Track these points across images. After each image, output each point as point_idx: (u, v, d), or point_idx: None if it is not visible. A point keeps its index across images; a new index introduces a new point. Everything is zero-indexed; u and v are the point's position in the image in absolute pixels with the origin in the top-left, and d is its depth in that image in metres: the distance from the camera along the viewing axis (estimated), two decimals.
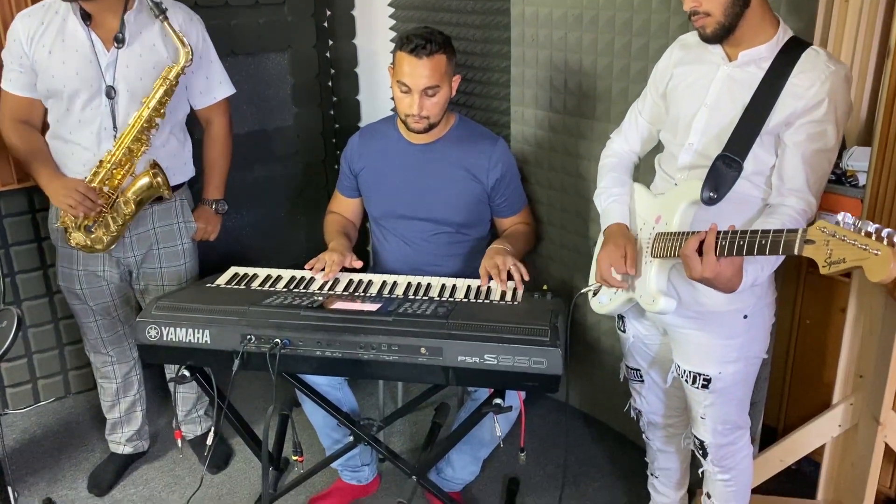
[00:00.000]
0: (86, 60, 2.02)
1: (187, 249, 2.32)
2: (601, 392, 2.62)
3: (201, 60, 2.19)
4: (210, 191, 2.36)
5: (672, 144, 1.74)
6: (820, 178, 1.56)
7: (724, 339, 1.70)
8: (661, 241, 1.65)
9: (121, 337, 2.39)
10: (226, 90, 2.30)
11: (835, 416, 2.06)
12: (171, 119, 2.15)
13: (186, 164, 2.28)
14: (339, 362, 1.75)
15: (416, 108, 2.09)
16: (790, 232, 1.33)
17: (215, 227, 2.38)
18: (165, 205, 2.23)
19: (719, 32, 1.55)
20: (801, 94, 1.52)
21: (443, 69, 2.08)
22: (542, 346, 1.67)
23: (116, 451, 2.54)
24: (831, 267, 1.26)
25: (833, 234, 1.26)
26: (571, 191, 2.44)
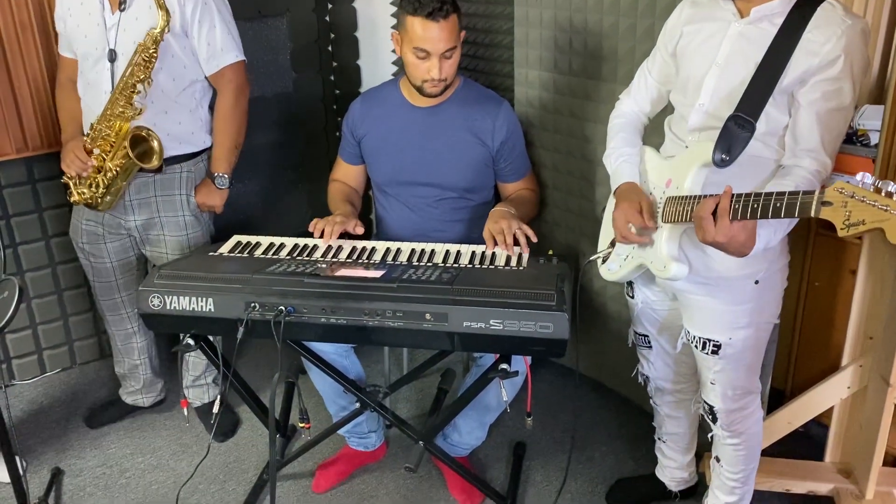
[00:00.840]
0: (94, 23, 2.07)
1: (189, 221, 2.29)
2: (608, 357, 2.61)
3: (201, 25, 2.12)
4: (213, 163, 2.30)
5: (682, 105, 1.70)
6: (835, 137, 1.51)
7: (735, 304, 1.68)
8: (672, 205, 1.61)
9: (117, 304, 2.42)
10: (229, 57, 2.20)
11: (844, 378, 2.05)
12: (176, 85, 2.12)
13: (195, 135, 2.23)
14: (344, 329, 1.74)
15: (437, 72, 2.05)
16: (806, 194, 1.29)
17: (215, 201, 2.31)
18: (168, 174, 2.21)
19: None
20: (815, 50, 1.47)
21: (457, 29, 2.06)
22: (549, 310, 1.65)
23: (120, 397, 2.64)
24: (850, 229, 1.22)
25: (851, 194, 1.22)
26: (577, 154, 2.41)
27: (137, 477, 2.39)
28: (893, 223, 1.17)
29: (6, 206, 2.63)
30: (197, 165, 2.27)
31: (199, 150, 2.26)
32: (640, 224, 1.67)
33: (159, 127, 2.09)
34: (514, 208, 2.13)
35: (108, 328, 2.51)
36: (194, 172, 2.26)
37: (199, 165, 2.28)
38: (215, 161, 2.28)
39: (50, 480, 2.34)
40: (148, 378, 2.58)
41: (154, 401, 2.65)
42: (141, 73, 2.01)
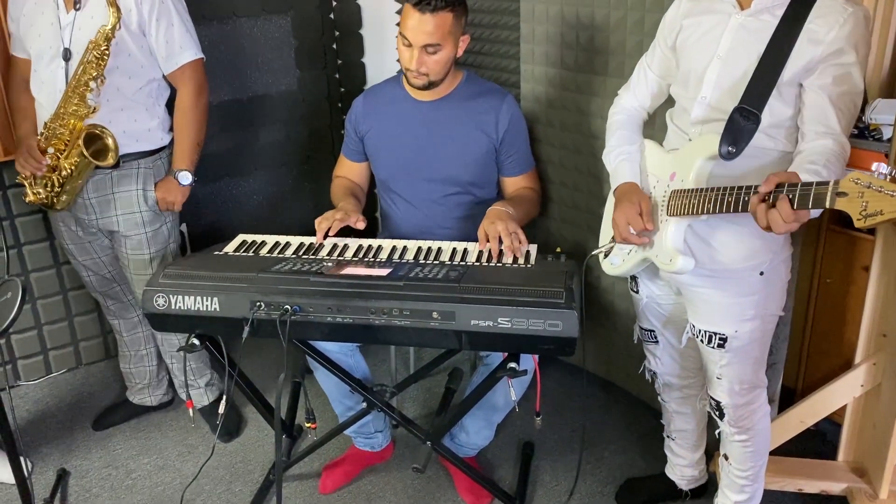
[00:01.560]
0: (48, 22, 2.06)
1: (147, 218, 2.24)
2: (616, 355, 2.59)
3: (158, 24, 2.09)
4: (174, 161, 2.25)
5: (684, 98, 1.68)
6: (849, 120, 1.49)
7: (740, 296, 1.66)
8: (678, 198, 1.59)
9: (118, 293, 2.43)
10: (188, 55, 2.16)
11: (857, 376, 2.02)
12: (133, 83, 2.11)
13: (152, 132, 2.20)
14: (350, 328, 1.72)
15: (415, 64, 2.04)
16: (821, 184, 1.27)
17: (176, 197, 2.26)
18: (126, 171, 2.18)
19: None
20: (819, 38, 1.45)
21: (447, 27, 2.01)
22: (557, 308, 1.63)
23: (127, 398, 2.64)
24: (867, 220, 1.20)
25: (868, 185, 1.20)
26: (584, 150, 2.38)
27: (143, 478, 2.38)
28: None
29: (10, 207, 2.62)
30: (155, 163, 2.24)
31: (157, 147, 2.23)
32: (640, 227, 1.66)
33: (115, 125, 2.07)
34: (512, 208, 2.10)
35: (112, 320, 2.51)
36: (153, 169, 2.23)
37: (158, 163, 2.25)
38: (176, 158, 2.25)
39: (56, 482, 2.33)
40: (153, 370, 2.58)
41: (161, 400, 2.64)
42: (93, 71, 1.98)
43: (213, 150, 2.85)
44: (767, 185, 1.33)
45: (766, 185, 1.34)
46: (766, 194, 1.34)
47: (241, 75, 2.86)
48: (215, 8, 2.70)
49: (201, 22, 2.68)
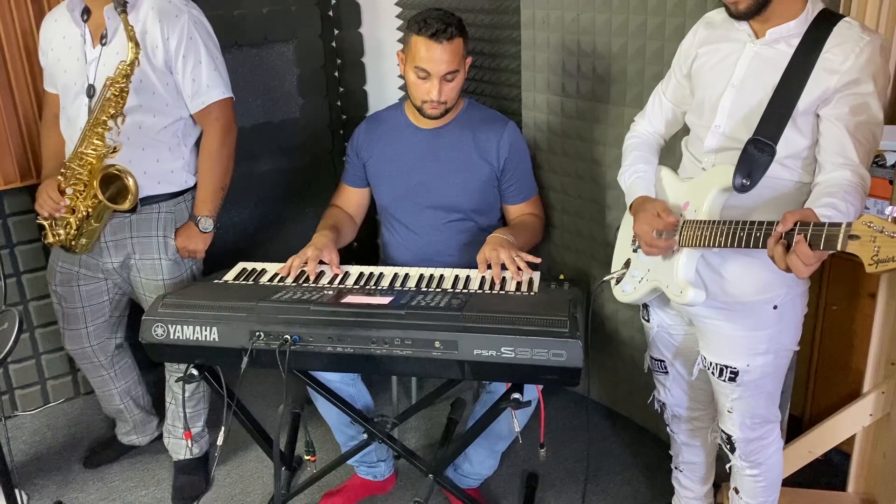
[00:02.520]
0: (74, 58, 2.01)
1: (166, 266, 2.15)
2: (621, 384, 2.56)
3: (185, 61, 2.01)
4: (196, 205, 2.15)
5: (698, 127, 1.67)
6: (868, 151, 1.47)
7: (753, 330, 1.63)
8: (691, 229, 1.57)
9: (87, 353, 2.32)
10: (215, 94, 2.07)
11: (865, 404, 1.99)
12: (157, 122, 2.03)
13: (175, 174, 2.11)
14: (351, 358, 1.69)
15: (436, 94, 2.04)
16: (833, 225, 1.24)
17: (197, 245, 2.16)
18: (145, 215, 2.09)
19: (753, 8, 1.48)
20: (835, 68, 1.44)
21: (461, 52, 2.04)
22: (562, 337, 1.61)
23: (117, 436, 2.57)
24: (878, 265, 1.17)
25: (881, 229, 1.17)
26: (587, 177, 2.37)
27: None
28: None
29: (10, 235, 2.60)
30: (177, 206, 2.14)
31: (180, 190, 2.14)
32: (662, 225, 1.61)
33: (135, 165, 1.98)
34: (513, 236, 2.08)
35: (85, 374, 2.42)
36: (174, 213, 2.13)
37: (181, 206, 2.15)
38: (199, 203, 2.15)
39: None
40: (138, 418, 2.50)
41: (151, 439, 2.57)
42: (111, 109, 1.89)
43: None
44: (785, 224, 1.29)
45: (784, 224, 1.30)
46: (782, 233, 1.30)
47: (242, 103, 2.87)
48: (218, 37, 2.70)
49: None
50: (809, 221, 1.28)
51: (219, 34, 2.72)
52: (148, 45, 1.96)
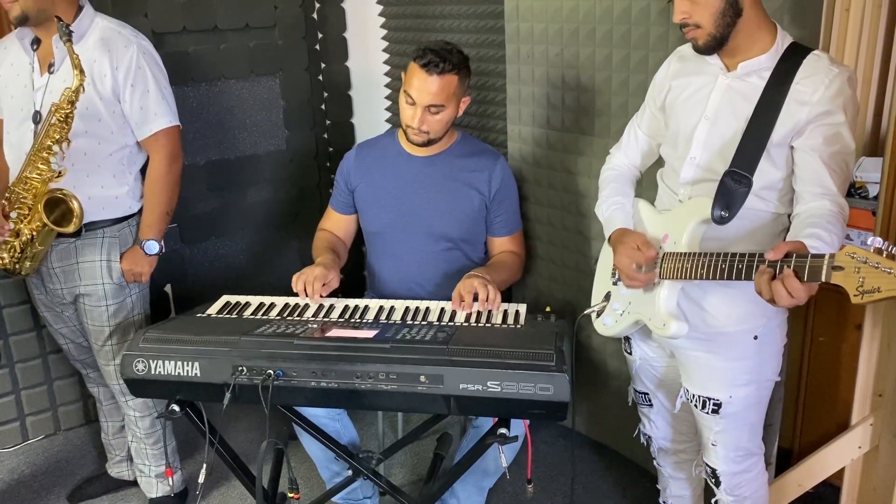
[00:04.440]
0: (21, 84, 2.04)
1: (109, 291, 2.14)
2: (609, 417, 2.54)
3: (133, 90, 2.03)
4: (142, 229, 2.16)
5: (673, 158, 1.68)
6: (844, 181, 1.48)
7: (734, 361, 1.63)
8: (671, 261, 1.57)
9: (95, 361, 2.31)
10: (162, 122, 2.09)
11: (854, 437, 1.97)
12: (102, 148, 2.05)
13: (119, 200, 2.12)
14: (336, 393, 1.67)
15: (417, 122, 2.05)
16: (816, 257, 1.24)
17: (143, 267, 2.16)
18: (89, 240, 2.10)
19: (711, 44, 1.51)
20: (806, 99, 1.46)
21: (452, 89, 2.04)
22: (548, 371, 1.59)
23: (106, 470, 2.53)
24: (864, 296, 1.16)
25: (864, 260, 1.17)
26: (572, 209, 2.38)
27: None
28: None
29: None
30: (122, 231, 2.15)
31: (125, 215, 2.15)
32: (643, 259, 1.61)
33: (80, 190, 1.99)
34: (489, 274, 2.08)
35: (92, 387, 2.43)
36: (118, 238, 2.14)
37: (125, 231, 2.15)
38: (144, 227, 2.15)
39: None
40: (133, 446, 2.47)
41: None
42: (56, 134, 1.91)
43: (199, 209, 2.84)
44: (776, 253, 1.28)
45: (775, 253, 1.29)
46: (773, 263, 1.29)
47: (228, 135, 2.87)
48: (204, 70, 2.73)
49: (189, 84, 2.71)
50: (803, 253, 1.27)
51: (205, 69, 2.74)
52: (95, 73, 1.98)
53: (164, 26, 2.59)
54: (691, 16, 1.48)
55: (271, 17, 2.84)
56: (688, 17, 1.49)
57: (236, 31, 2.79)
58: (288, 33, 2.91)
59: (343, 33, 3.11)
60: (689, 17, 1.49)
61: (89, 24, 2.02)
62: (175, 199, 2.20)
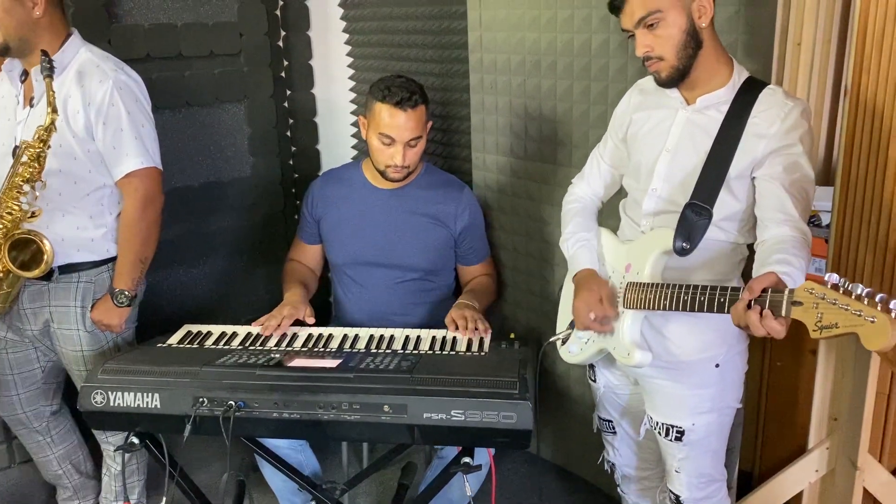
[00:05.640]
0: (5, 117, 1.98)
1: (84, 338, 2.06)
2: (574, 443, 2.55)
3: (106, 128, 1.93)
4: (115, 277, 2.06)
5: (635, 190, 1.72)
6: (805, 208, 1.51)
7: (697, 388, 1.65)
8: (634, 291, 1.60)
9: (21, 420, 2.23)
10: (134, 163, 1.97)
11: (811, 461, 2.01)
12: (78, 189, 1.97)
13: (96, 242, 2.02)
14: (298, 424, 1.66)
15: (400, 160, 2.07)
16: (776, 292, 1.27)
17: (112, 319, 2.05)
18: (63, 283, 2.01)
19: (674, 76, 1.54)
20: (763, 132, 1.50)
21: (423, 119, 2.09)
22: (511, 399, 1.60)
23: None
24: (822, 331, 1.19)
25: (822, 296, 1.20)
26: (536, 236, 2.41)
27: None
28: (868, 330, 1.14)
29: None
30: (99, 276, 2.05)
31: (102, 259, 2.05)
32: (601, 314, 1.65)
33: (53, 231, 1.92)
34: (476, 301, 2.14)
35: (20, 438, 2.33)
36: (94, 283, 2.05)
37: (102, 276, 2.06)
38: (117, 275, 2.05)
39: None
40: (78, 483, 2.39)
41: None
42: (27, 174, 1.83)
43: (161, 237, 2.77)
44: (752, 291, 1.30)
45: (751, 291, 1.30)
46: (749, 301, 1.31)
47: (192, 162, 2.85)
48: (168, 97, 2.71)
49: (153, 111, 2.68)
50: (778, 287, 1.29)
51: (170, 94, 2.72)
52: (69, 109, 1.91)
53: (128, 53, 2.57)
54: (654, 49, 1.52)
55: (236, 44, 2.84)
56: (650, 51, 1.52)
57: (201, 58, 2.78)
58: (253, 61, 2.91)
59: (309, 61, 3.12)
60: (652, 51, 1.52)
61: (73, 56, 1.94)
62: (151, 246, 2.08)
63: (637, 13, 1.50)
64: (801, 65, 2.29)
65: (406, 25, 2.77)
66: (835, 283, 1.19)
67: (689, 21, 1.49)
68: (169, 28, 2.67)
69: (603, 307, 1.65)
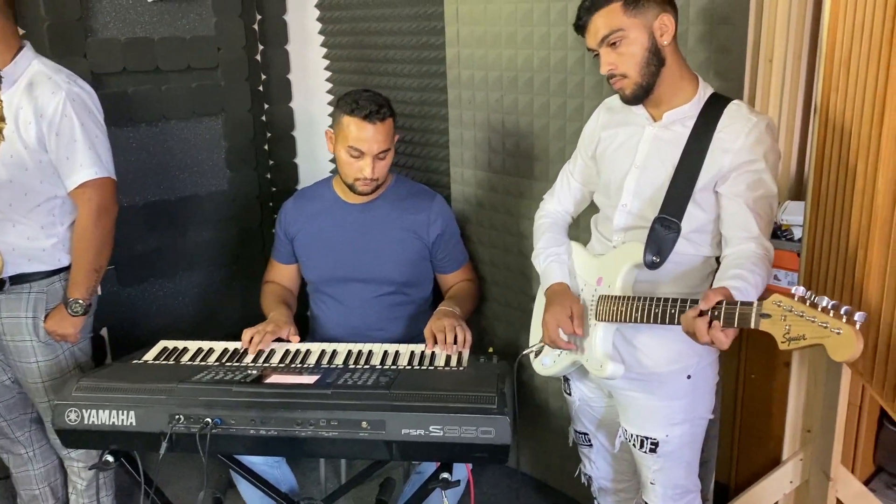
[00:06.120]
0: None
1: (38, 348, 2.05)
2: (552, 456, 2.55)
3: (59, 139, 1.93)
4: (69, 286, 2.05)
5: (606, 206, 1.74)
6: (768, 223, 1.55)
7: (669, 400, 1.67)
8: (605, 304, 1.62)
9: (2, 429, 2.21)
10: (88, 173, 1.97)
11: (785, 472, 2.04)
12: (29, 199, 1.97)
13: (47, 252, 2.02)
14: (275, 441, 1.64)
15: (370, 172, 2.07)
16: (744, 304, 1.31)
17: (66, 329, 2.04)
18: (14, 294, 2.01)
19: (638, 93, 1.57)
20: (727, 147, 1.53)
21: (391, 132, 2.10)
22: (490, 414, 1.60)
23: None
24: (790, 343, 1.22)
25: (790, 308, 1.23)
26: (514, 250, 2.42)
27: None
28: (835, 341, 1.17)
29: None
30: (51, 286, 2.05)
31: (54, 269, 2.04)
32: (570, 331, 1.67)
33: (4, 241, 1.94)
34: (457, 307, 2.12)
35: (1, 453, 2.30)
36: (47, 293, 2.04)
37: (55, 286, 2.05)
38: (71, 284, 2.04)
39: None
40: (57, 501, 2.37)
41: None
42: None
43: (138, 250, 2.79)
44: (707, 302, 1.34)
45: (706, 301, 1.34)
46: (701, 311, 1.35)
47: (169, 176, 2.84)
48: (145, 111, 2.70)
49: (129, 125, 2.68)
50: (732, 301, 1.33)
51: (146, 108, 2.71)
52: (21, 120, 1.90)
53: (104, 67, 2.57)
54: (617, 67, 1.55)
55: (214, 58, 2.84)
56: (614, 69, 1.55)
57: (178, 72, 2.78)
58: (231, 75, 2.91)
59: (287, 75, 3.12)
60: (616, 69, 1.55)
61: (25, 67, 1.94)
62: (105, 255, 2.07)
63: (600, 32, 1.53)
64: (772, 82, 2.33)
65: (384, 41, 2.79)
66: (801, 295, 1.22)
67: (651, 39, 1.52)
68: (146, 42, 2.66)
69: (572, 325, 1.67)
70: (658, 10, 1.52)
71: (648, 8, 1.51)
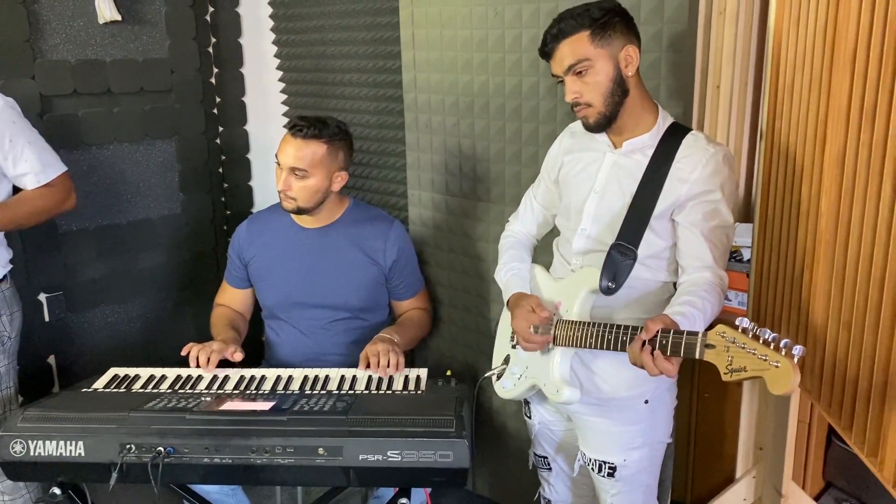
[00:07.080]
0: None
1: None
2: (510, 479, 2.55)
3: (13, 144, 2.00)
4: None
5: (566, 229, 1.76)
6: (723, 252, 1.59)
7: (627, 425, 1.69)
8: (564, 329, 1.63)
9: None
10: (55, 170, 2.08)
11: (739, 490, 2.07)
12: None
13: None
14: (230, 469, 1.62)
15: (282, 185, 2.07)
16: (690, 335, 1.33)
17: None
18: None
19: (601, 122, 1.60)
20: (685, 177, 1.57)
21: (317, 157, 2.06)
22: (448, 437, 1.61)
23: None
24: (732, 374, 1.25)
25: (733, 340, 1.26)
26: (472, 272, 2.43)
27: None
28: (773, 374, 1.20)
29: None
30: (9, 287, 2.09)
31: None
32: (537, 320, 1.67)
33: None
34: (396, 335, 2.12)
35: None
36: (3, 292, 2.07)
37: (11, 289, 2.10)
38: None
39: None
40: None
41: None
42: None
43: (87, 275, 2.72)
44: (648, 332, 1.38)
45: (647, 332, 1.38)
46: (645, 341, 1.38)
47: (121, 199, 2.78)
48: (95, 134, 2.65)
49: (79, 148, 2.63)
50: (670, 329, 1.36)
51: (98, 131, 2.67)
52: None
53: (53, 89, 2.52)
54: (582, 95, 1.57)
55: (167, 81, 2.81)
56: (579, 97, 1.57)
57: (130, 94, 2.74)
58: (185, 97, 2.88)
59: (242, 97, 3.11)
60: (581, 97, 1.57)
61: None
62: (31, 221, 2.09)
63: (566, 60, 1.55)
64: (720, 107, 2.40)
65: (341, 64, 2.79)
66: (745, 327, 1.25)
67: (617, 70, 1.55)
68: (97, 64, 2.62)
69: (536, 314, 1.67)
70: (624, 41, 1.55)
71: (615, 39, 1.54)
